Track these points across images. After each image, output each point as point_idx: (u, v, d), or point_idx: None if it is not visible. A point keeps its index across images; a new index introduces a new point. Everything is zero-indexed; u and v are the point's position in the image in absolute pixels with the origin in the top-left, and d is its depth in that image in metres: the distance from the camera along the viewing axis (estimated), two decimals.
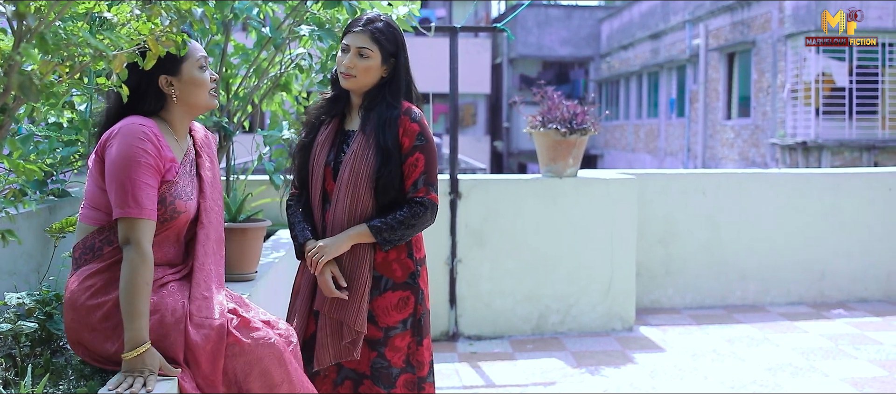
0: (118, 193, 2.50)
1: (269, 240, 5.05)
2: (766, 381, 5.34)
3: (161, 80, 2.66)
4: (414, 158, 3.15)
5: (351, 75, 3.16)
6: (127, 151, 2.51)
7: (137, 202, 2.50)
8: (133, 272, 2.47)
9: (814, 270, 7.48)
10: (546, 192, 6.44)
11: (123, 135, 2.53)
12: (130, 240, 2.49)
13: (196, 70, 2.72)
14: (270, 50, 4.56)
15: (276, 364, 2.68)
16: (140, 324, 2.45)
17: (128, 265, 2.48)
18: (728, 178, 7.60)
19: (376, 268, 3.19)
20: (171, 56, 2.61)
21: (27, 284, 3.43)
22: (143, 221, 2.51)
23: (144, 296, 2.47)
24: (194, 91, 2.72)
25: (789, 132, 17.45)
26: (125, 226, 2.51)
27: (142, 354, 2.43)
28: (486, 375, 5.53)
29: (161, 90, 2.68)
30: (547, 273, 6.46)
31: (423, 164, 3.16)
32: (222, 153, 4.53)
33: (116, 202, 2.51)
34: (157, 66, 2.58)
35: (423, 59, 5.14)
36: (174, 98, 2.69)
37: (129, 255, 2.49)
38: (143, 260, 2.48)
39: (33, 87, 1.93)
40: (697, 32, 22.46)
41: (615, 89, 30.45)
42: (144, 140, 2.54)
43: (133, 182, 2.50)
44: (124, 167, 2.50)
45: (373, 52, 3.15)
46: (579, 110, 6.31)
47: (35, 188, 3.82)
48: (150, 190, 2.54)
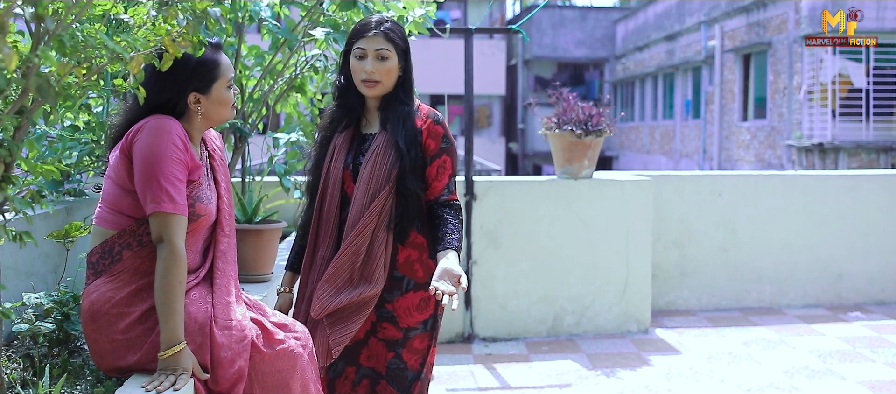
0: (151, 188, 2.47)
1: (285, 241, 5.06)
2: (783, 384, 5.32)
3: (191, 96, 2.65)
4: (441, 159, 3.15)
5: (375, 81, 3.11)
6: (157, 145, 2.48)
7: (171, 197, 2.48)
8: (167, 271, 2.46)
9: (831, 272, 7.44)
10: (561, 193, 6.43)
11: (152, 130, 2.50)
12: (164, 237, 2.47)
13: (224, 90, 2.71)
14: (285, 52, 4.57)
15: (293, 374, 2.68)
16: (175, 323, 2.44)
17: (162, 264, 2.46)
18: (744, 179, 7.57)
19: (398, 268, 3.15)
20: (203, 74, 2.62)
21: (44, 284, 3.45)
22: (177, 216, 2.49)
23: (179, 294, 2.46)
24: (219, 109, 2.71)
25: (806, 134, 17.35)
26: (159, 222, 2.48)
27: (177, 353, 2.42)
28: (502, 376, 5.53)
29: (185, 102, 2.66)
30: (562, 275, 6.45)
31: (450, 165, 3.17)
32: (237, 155, 4.54)
33: (149, 198, 2.47)
34: (188, 82, 2.59)
35: (438, 60, 5.09)
36: (199, 114, 2.67)
37: (162, 253, 2.47)
38: (176, 258, 2.47)
39: (51, 89, 1.94)
40: (713, 34, 22.38)
41: (630, 91, 30.37)
42: (174, 135, 2.52)
43: (166, 176, 2.48)
44: (156, 162, 2.47)
45: (390, 52, 3.12)
46: (595, 112, 6.30)
47: (52, 189, 3.84)
48: (181, 186, 2.52)
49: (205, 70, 2.62)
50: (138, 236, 2.55)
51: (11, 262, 3.16)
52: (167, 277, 2.46)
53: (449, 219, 3.12)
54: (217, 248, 2.74)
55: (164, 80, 2.58)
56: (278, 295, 3.28)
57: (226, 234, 2.77)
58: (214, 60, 2.68)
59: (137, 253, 2.55)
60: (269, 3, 4.36)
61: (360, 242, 3.06)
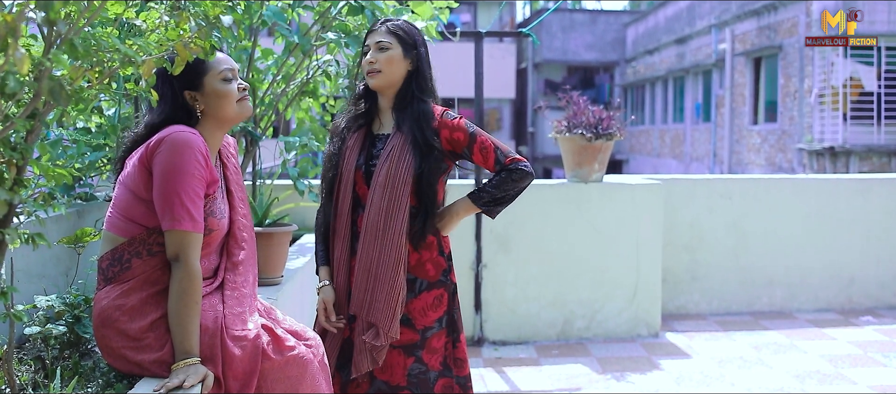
0: (171, 206, 2.45)
1: (295, 244, 5.07)
2: (794, 388, 5.30)
3: (186, 95, 2.64)
4: (477, 143, 3.12)
5: (375, 71, 3.12)
6: (180, 161, 2.46)
7: (191, 216, 2.47)
8: (183, 292, 2.45)
9: (842, 277, 7.42)
10: (571, 197, 6.43)
11: (174, 144, 2.48)
12: (180, 256, 2.46)
13: (219, 82, 2.67)
14: (298, 56, 4.58)
15: (303, 381, 2.67)
16: (191, 341, 2.45)
17: (177, 284, 2.46)
18: (755, 183, 7.54)
19: (410, 271, 3.14)
20: (191, 71, 2.58)
21: (56, 287, 3.47)
22: (196, 235, 2.48)
23: (195, 314, 2.46)
24: (220, 103, 2.68)
25: (817, 137, 17.29)
26: (176, 239, 2.47)
27: (190, 366, 2.43)
28: (511, 380, 5.52)
29: (188, 105, 2.65)
30: (572, 279, 6.44)
31: (488, 141, 3.14)
32: (248, 158, 4.55)
33: (168, 215, 2.46)
34: (178, 80, 2.58)
35: (449, 63, 5.14)
36: (199, 113, 2.66)
37: (177, 273, 2.46)
38: (192, 279, 2.46)
39: (63, 92, 1.95)
40: (723, 37, 22.33)
41: (641, 94, 30.33)
42: (196, 151, 2.49)
43: (188, 194, 2.46)
44: (178, 178, 2.45)
45: (391, 44, 3.12)
46: (605, 115, 6.29)
47: (63, 192, 3.85)
48: (200, 203, 2.51)
49: (188, 67, 2.53)
50: (148, 246, 2.54)
51: (23, 264, 3.17)
52: (183, 298, 2.45)
53: (494, 177, 3.15)
54: (230, 259, 2.72)
55: (161, 87, 2.59)
56: (321, 291, 3.21)
57: (240, 245, 2.75)
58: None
59: (147, 262, 2.54)
60: (281, 5, 4.37)
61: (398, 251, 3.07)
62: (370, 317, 3.06)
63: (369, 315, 3.06)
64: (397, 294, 3.04)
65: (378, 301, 3.05)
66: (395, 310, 3.04)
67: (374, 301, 3.06)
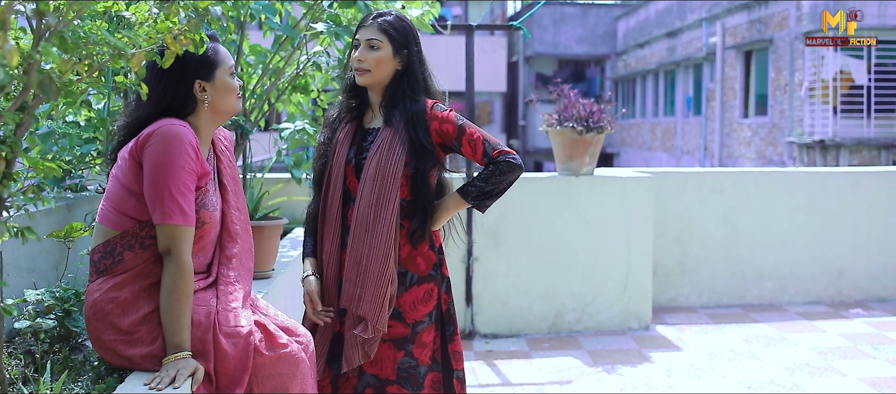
0: (161, 199, 2.45)
1: (286, 238, 5.06)
2: (784, 380, 5.32)
3: (195, 85, 2.64)
4: (466, 135, 3.10)
5: (364, 69, 3.10)
6: (170, 155, 2.46)
7: (181, 209, 2.47)
8: (174, 286, 2.46)
9: (832, 269, 7.45)
10: (562, 190, 6.44)
11: (164, 137, 2.48)
12: (172, 250, 2.47)
13: (227, 76, 2.71)
14: (287, 49, 4.56)
15: (293, 378, 2.66)
16: (182, 336, 2.45)
17: (169, 279, 2.46)
18: (745, 176, 7.56)
19: (401, 264, 3.13)
20: (205, 62, 2.62)
21: (46, 281, 3.45)
22: (187, 228, 2.48)
23: (186, 308, 2.46)
24: (225, 97, 2.70)
25: (807, 131, 17.35)
26: (167, 233, 2.47)
27: (181, 360, 2.43)
28: (502, 373, 5.53)
29: (193, 95, 2.65)
30: (563, 272, 6.45)
31: (476, 132, 3.11)
32: (239, 151, 4.54)
33: (159, 208, 2.46)
34: (191, 71, 2.59)
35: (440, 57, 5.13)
36: (206, 103, 2.66)
37: (169, 267, 2.47)
38: (183, 273, 2.47)
39: (52, 85, 1.94)
40: (714, 30, 22.37)
41: (631, 87, 30.36)
42: (186, 144, 2.50)
43: (177, 187, 2.46)
44: (168, 171, 2.45)
45: (382, 42, 3.10)
46: (596, 108, 6.30)
47: (53, 185, 3.84)
48: (191, 196, 2.51)
49: (205, 57, 2.62)
50: (140, 239, 2.54)
51: (13, 258, 3.16)
52: (175, 292, 2.46)
53: (482, 171, 3.13)
54: (223, 253, 2.72)
55: (169, 73, 2.57)
56: (305, 282, 3.19)
57: (233, 239, 2.75)
58: (213, 48, 2.68)
59: (139, 255, 2.54)
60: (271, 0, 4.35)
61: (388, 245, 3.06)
62: (359, 310, 3.04)
63: (358, 309, 3.05)
64: (386, 287, 3.03)
65: (367, 294, 3.03)
66: (383, 302, 3.03)
67: (363, 294, 3.04)
